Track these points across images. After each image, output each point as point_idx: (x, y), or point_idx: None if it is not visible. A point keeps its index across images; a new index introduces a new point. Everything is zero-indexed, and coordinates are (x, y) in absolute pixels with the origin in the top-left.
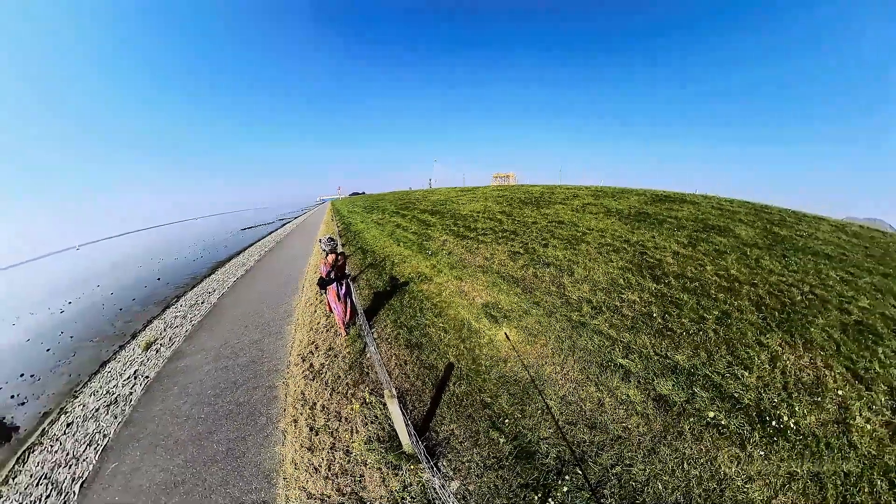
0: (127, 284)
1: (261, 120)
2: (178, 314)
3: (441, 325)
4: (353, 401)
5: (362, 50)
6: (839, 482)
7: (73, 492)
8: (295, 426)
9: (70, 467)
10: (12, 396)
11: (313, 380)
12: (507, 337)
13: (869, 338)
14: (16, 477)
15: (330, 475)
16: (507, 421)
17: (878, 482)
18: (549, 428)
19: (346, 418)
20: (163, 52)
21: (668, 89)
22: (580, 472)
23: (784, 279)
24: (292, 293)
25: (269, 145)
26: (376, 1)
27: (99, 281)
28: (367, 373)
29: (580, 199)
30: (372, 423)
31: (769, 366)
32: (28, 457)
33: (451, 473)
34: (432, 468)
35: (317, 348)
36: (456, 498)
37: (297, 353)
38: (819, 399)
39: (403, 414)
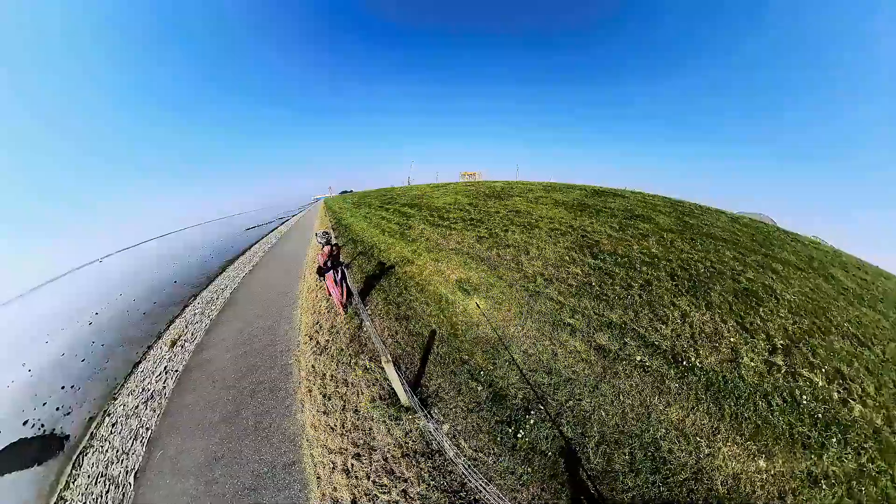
0: (147, 289)
1: (254, 123)
2: (196, 311)
3: (423, 299)
4: (356, 368)
5: (351, 52)
6: (732, 404)
7: (129, 483)
8: (310, 395)
9: (122, 462)
10: (58, 408)
11: (321, 354)
12: (478, 306)
13: (752, 300)
14: (75, 480)
15: (344, 432)
16: (482, 373)
17: (760, 402)
18: (516, 376)
19: (351, 383)
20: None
21: (604, 94)
22: (542, 408)
23: (692, 256)
24: (295, 282)
25: (266, 147)
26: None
27: (121, 290)
28: (366, 344)
29: (534, 192)
30: (373, 385)
31: (680, 321)
32: (82, 460)
33: (442, 418)
34: (426, 416)
35: (321, 328)
36: (447, 437)
37: (304, 334)
38: (717, 345)
39: (398, 375)
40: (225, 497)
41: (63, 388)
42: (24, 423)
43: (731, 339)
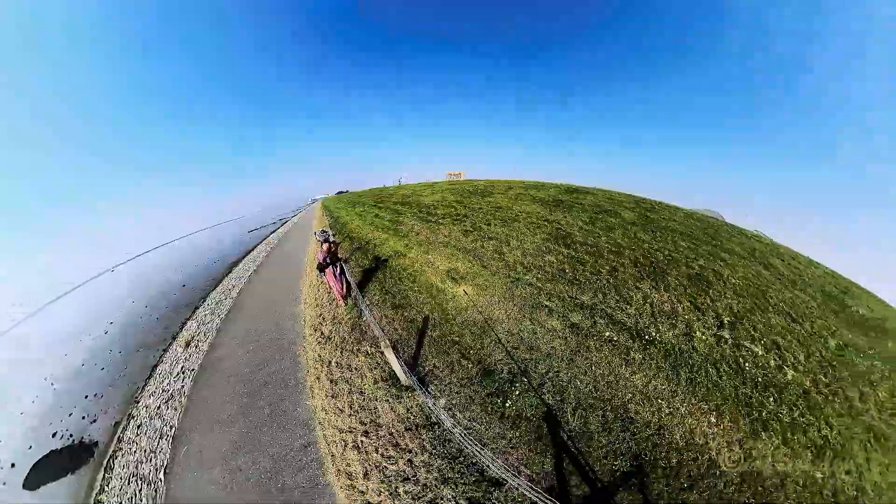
0: (157, 294)
1: (253, 124)
2: (207, 312)
3: (416, 288)
4: (359, 354)
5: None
6: (687, 371)
7: (160, 479)
8: (318, 382)
9: (150, 461)
10: (83, 417)
11: (326, 344)
12: (465, 293)
13: (703, 284)
14: (108, 483)
15: (352, 412)
16: (471, 352)
17: (710, 369)
18: (501, 353)
19: (355, 368)
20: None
21: (575, 98)
22: (525, 380)
23: (652, 247)
24: (298, 279)
25: (264, 146)
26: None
27: (132, 296)
28: (366, 332)
29: (514, 190)
30: (375, 368)
31: (642, 302)
32: (113, 463)
33: (438, 394)
34: (424, 393)
35: (324, 319)
36: (444, 410)
37: (309, 326)
38: (673, 321)
39: (397, 357)
40: (249, 482)
41: (87, 397)
42: (54, 436)
43: (686, 317)
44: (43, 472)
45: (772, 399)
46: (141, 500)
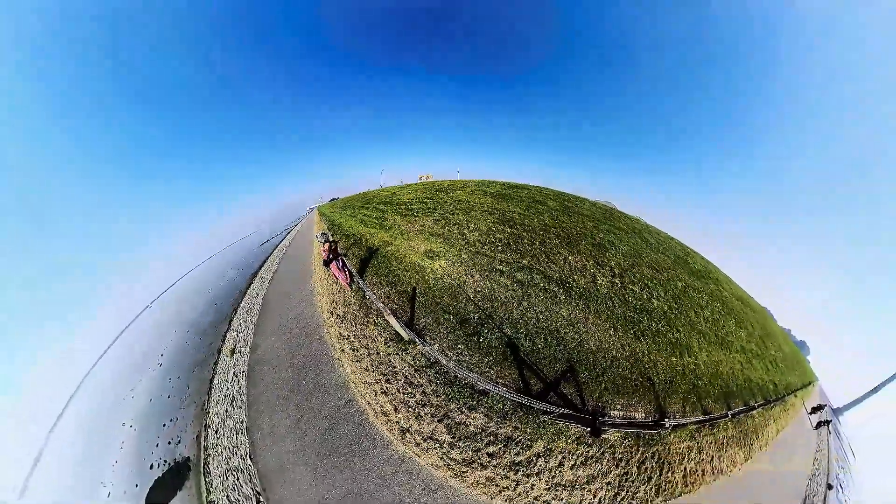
0: (195, 317)
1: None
2: (241, 320)
3: (403, 268)
4: (369, 325)
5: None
6: (594, 304)
7: (248, 465)
8: (343, 353)
9: (236, 453)
10: (169, 442)
11: (342, 322)
12: (441, 266)
13: (604, 247)
14: (211, 483)
15: (373, 369)
16: (450, 308)
17: (608, 302)
18: (472, 306)
19: (368, 336)
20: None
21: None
22: (491, 322)
23: (568, 225)
24: (309, 277)
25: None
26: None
27: (174, 327)
28: (371, 307)
29: (470, 187)
30: (383, 333)
31: (563, 262)
32: (209, 467)
33: (432, 341)
34: (422, 343)
35: (337, 304)
36: (439, 352)
37: (326, 311)
38: (584, 274)
39: (398, 321)
40: (315, 442)
41: (164, 425)
42: (151, 468)
43: (591, 270)
44: (157, 498)
45: (645, 318)
46: (241, 486)
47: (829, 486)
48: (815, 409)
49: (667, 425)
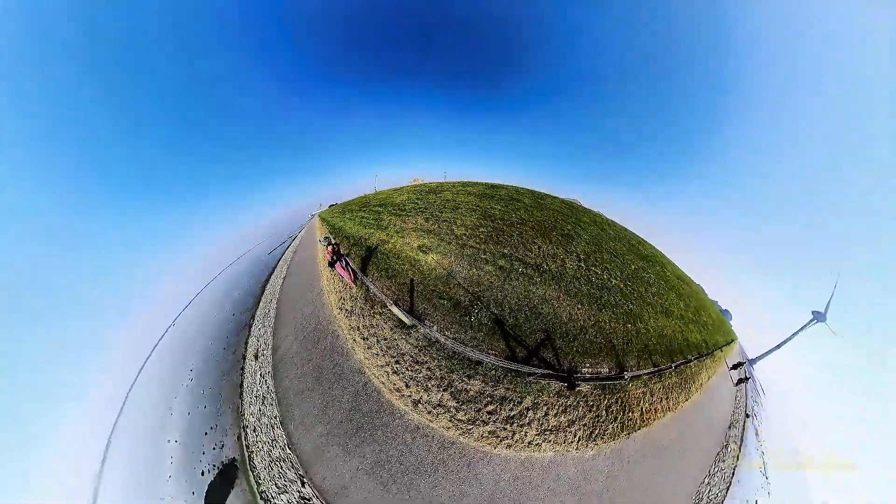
0: (217, 329)
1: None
2: (259, 326)
3: (400, 262)
4: (375, 315)
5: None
6: (564, 284)
7: (288, 454)
8: (355, 342)
9: (276, 445)
10: (213, 448)
11: (350, 316)
12: (433, 259)
13: (571, 237)
14: (259, 476)
15: (383, 353)
16: (444, 294)
17: (575, 282)
18: (462, 291)
19: (375, 325)
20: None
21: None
22: (479, 303)
23: (541, 219)
24: (317, 279)
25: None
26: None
27: (198, 341)
28: (374, 299)
29: (455, 188)
30: (388, 321)
31: (538, 250)
32: (254, 462)
33: (431, 324)
34: (423, 325)
35: (344, 300)
36: (438, 333)
37: (335, 307)
38: (555, 259)
39: (400, 309)
40: (342, 423)
41: (206, 433)
42: (202, 474)
43: (561, 257)
44: (215, 498)
45: (605, 294)
46: (286, 473)
47: (747, 416)
48: (735, 366)
49: (626, 377)
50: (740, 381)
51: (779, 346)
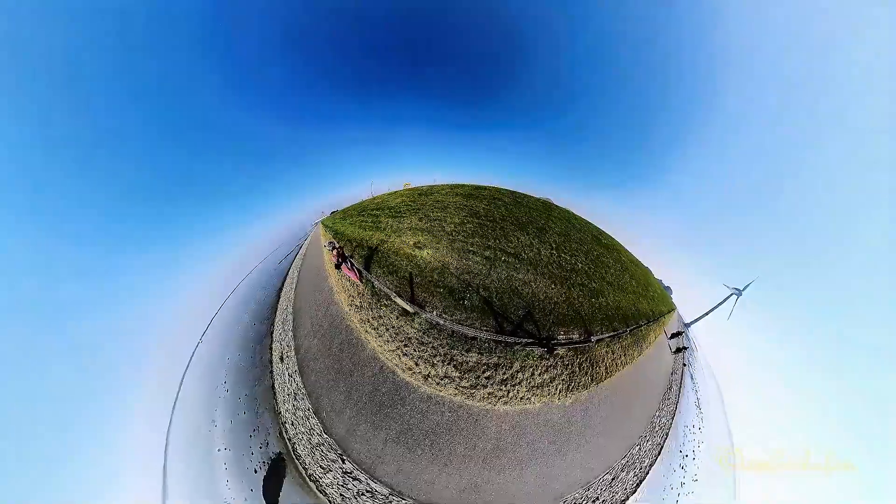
0: (241, 340)
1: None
2: (279, 331)
3: (399, 258)
4: (381, 307)
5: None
6: (540, 269)
7: (325, 437)
8: (367, 333)
9: (314, 433)
10: (259, 447)
11: (360, 310)
12: (428, 254)
13: (544, 231)
14: (305, 462)
15: (393, 339)
16: (440, 283)
17: (549, 267)
18: (456, 279)
19: (383, 316)
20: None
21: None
22: (470, 288)
23: (519, 215)
24: (325, 281)
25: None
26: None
27: (226, 354)
28: (380, 294)
29: (445, 190)
30: (394, 311)
31: (517, 241)
32: (297, 452)
33: (431, 310)
34: (424, 312)
35: (353, 297)
36: (437, 316)
37: (346, 305)
38: (531, 248)
39: (403, 299)
40: (366, 404)
41: (250, 436)
42: (255, 472)
43: (537, 246)
44: (270, 490)
45: (573, 275)
46: (327, 454)
47: (685, 365)
48: (674, 335)
49: (592, 340)
50: (678, 350)
51: (706, 314)
